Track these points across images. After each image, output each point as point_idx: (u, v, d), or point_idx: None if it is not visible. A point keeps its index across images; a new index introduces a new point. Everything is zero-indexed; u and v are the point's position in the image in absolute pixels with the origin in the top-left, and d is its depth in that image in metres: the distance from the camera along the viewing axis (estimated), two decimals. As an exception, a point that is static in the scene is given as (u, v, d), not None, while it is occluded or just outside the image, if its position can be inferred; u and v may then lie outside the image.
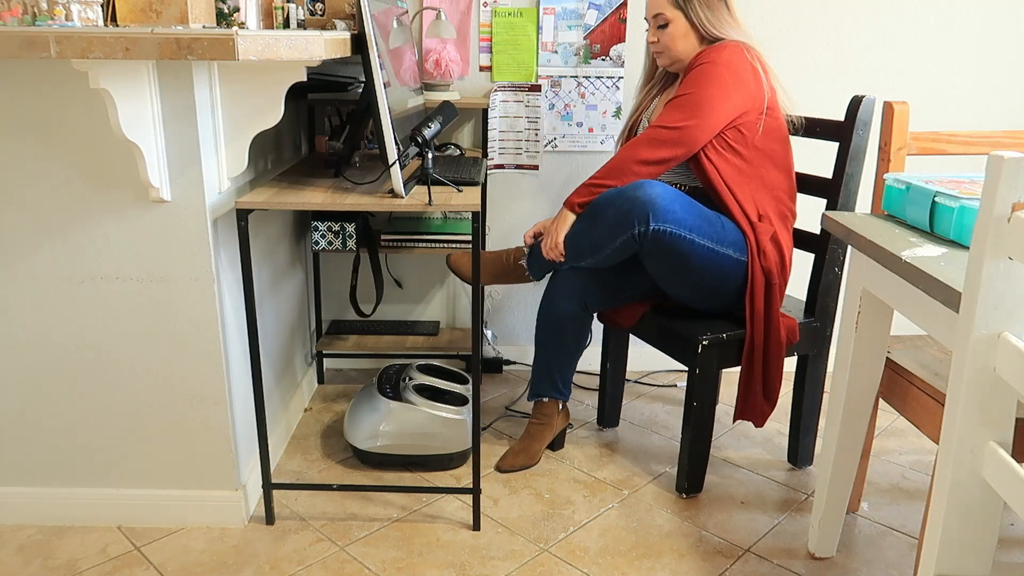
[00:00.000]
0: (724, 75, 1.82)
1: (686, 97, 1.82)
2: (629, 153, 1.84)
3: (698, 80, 1.83)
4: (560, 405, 2.15)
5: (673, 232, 1.80)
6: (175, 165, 1.59)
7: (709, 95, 1.81)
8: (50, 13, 1.53)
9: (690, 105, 1.81)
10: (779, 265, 1.89)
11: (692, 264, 1.84)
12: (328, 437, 2.27)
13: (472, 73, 2.53)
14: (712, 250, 1.84)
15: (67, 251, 1.64)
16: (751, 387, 1.93)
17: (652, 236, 1.80)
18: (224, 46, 1.27)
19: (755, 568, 1.73)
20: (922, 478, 2.11)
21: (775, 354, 1.90)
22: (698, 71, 1.84)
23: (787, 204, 1.95)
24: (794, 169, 1.97)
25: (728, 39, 1.89)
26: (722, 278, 1.87)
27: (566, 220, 1.91)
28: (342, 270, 2.68)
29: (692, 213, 1.83)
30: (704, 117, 1.81)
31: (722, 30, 1.89)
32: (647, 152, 1.82)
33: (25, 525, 1.81)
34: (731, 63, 1.83)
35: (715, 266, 1.85)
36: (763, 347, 1.89)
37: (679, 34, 1.91)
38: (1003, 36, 2.53)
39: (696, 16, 1.89)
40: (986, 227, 0.94)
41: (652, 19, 1.94)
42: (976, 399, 1.00)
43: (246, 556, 1.73)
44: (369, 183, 1.85)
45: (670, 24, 1.91)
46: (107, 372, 1.72)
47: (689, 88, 1.83)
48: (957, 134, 1.72)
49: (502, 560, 1.74)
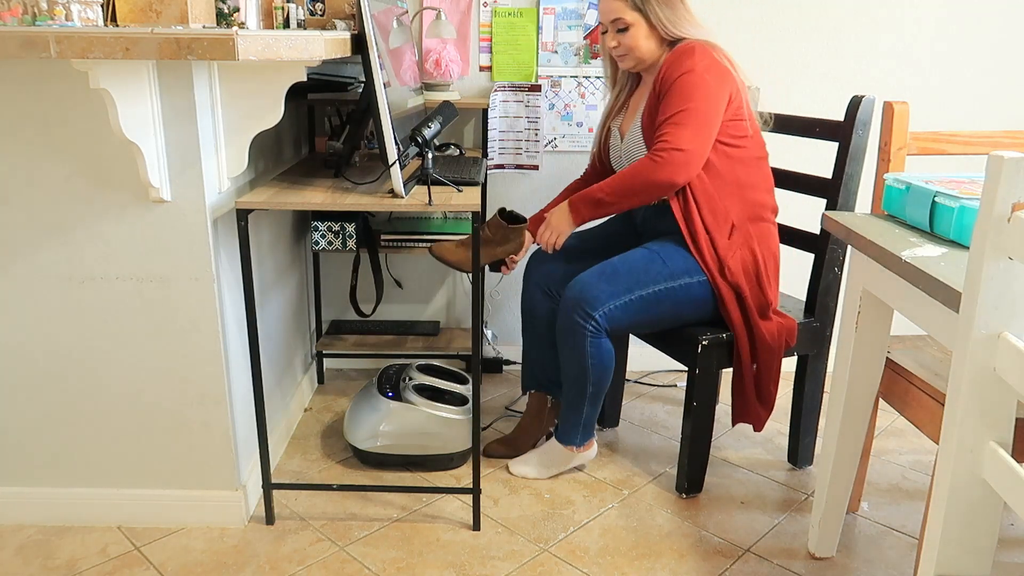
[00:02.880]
0: (710, 83, 1.80)
1: (684, 113, 1.79)
2: (641, 176, 1.80)
3: (688, 92, 1.79)
4: (549, 400, 2.14)
5: (616, 304, 1.84)
6: (175, 165, 1.59)
7: (705, 108, 1.79)
8: (50, 13, 1.53)
9: (692, 122, 1.78)
10: (753, 273, 1.87)
11: (656, 311, 1.87)
12: (328, 437, 2.27)
13: (472, 73, 2.53)
14: (665, 289, 1.86)
15: (67, 251, 1.64)
16: (743, 392, 1.93)
17: (603, 320, 1.85)
18: (224, 46, 1.27)
19: (755, 568, 1.73)
20: (922, 478, 2.11)
21: (765, 359, 1.90)
22: (683, 83, 1.80)
23: (763, 200, 1.92)
24: (769, 163, 1.96)
25: (690, 38, 1.87)
26: (691, 302, 1.88)
27: (567, 224, 1.91)
28: (342, 270, 2.68)
29: (623, 273, 1.86)
30: (709, 131, 1.81)
31: (683, 29, 1.87)
32: (661, 175, 1.79)
33: (25, 525, 1.81)
34: (711, 68, 1.81)
35: (678, 298, 1.87)
36: (750, 353, 1.89)
37: (641, 36, 1.88)
38: (1003, 36, 2.53)
39: (656, 17, 1.86)
40: (986, 227, 0.94)
41: (611, 24, 1.90)
42: (976, 399, 1.00)
43: (246, 556, 1.73)
44: (369, 183, 1.85)
45: (631, 27, 1.87)
46: (107, 372, 1.72)
47: (683, 103, 1.79)
48: (957, 134, 1.72)
49: (502, 560, 1.74)
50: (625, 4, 1.86)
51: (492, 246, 2.00)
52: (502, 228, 1.98)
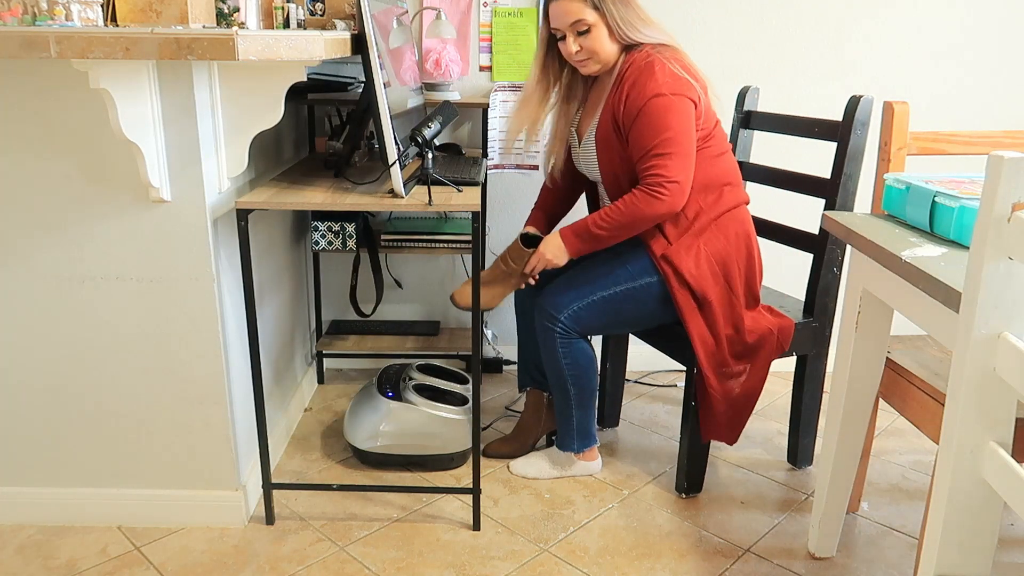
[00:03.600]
0: (679, 105, 1.75)
1: (666, 142, 1.75)
2: (640, 210, 1.77)
3: (663, 120, 1.75)
4: (546, 397, 2.14)
5: (580, 305, 1.87)
6: (175, 165, 1.59)
7: (683, 132, 1.76)
8: (50, 13, 1.53)
9: (676, 150, 1.75)
10: (721, 274, 1.85)
11: (622, 310, 1.88)
12: (328, 437, 2.27)
13: (472, 73, 2.53)
14: (627, 289, 1.86)
15: (67, 251, 1.64)
16: (706, 400, 1.90)
17: (569, 321, 1.87)
18: (224, 46, 1.27)
19: (755, 568, 1.73)
20: (922, 478, 2.11)
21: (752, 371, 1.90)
22: (655, 108, 1.75)
23: (727, 197, 1.88)
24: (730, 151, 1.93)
25: (646, 42, 1.82)
26: (655, 301, 1.87)
27: (562, 257, 1.88)
28: (342, 270, 2.68)
29: (587, 276, 1.88)
30: (691, 154, 1.78)
31: (639, 30, 1.82)
32: (660, 208, 1.76)
33: (25, 525, 1.81)
34: (676, 87, 1.76)
35: (640, 298, 1.87)
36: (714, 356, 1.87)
37: (603, 37, 1.81)
38: (1003, 36, 2.53)
39: (613, 18, 1.79)
40: (986, 227, 0.94)
41: (570, 27, 1.81)
42: (976, 399, 1.00)
43: (246, 556, 1.73)
44: (369, 183, 1.85)
45: (592, 29, 1.80)
46: (107, 372, 1.72)
47: (661, 132, 1.75)
48: (957, 134, 1.72)
49: (502, 560, 1.74)
50: (584, 4, 1.79)
51: (514, 275, 1.98)
52: (524, 253, 1.95)
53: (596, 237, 1.84)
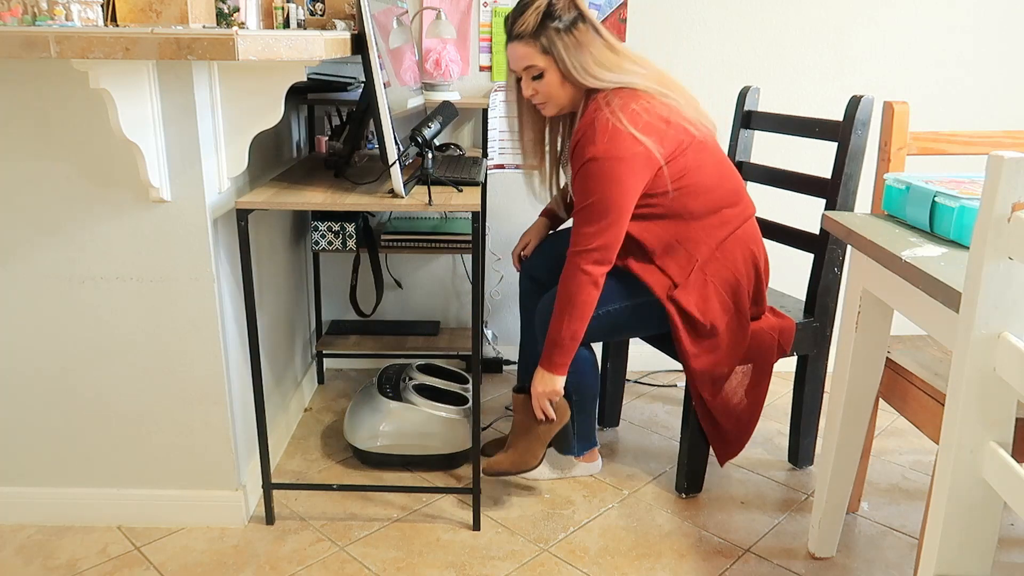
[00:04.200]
0: (612, 169, 1.67)
1: (589, 208, 1.69)
2: (567, 296, 1.73)
3: (591, 185, 1.68)
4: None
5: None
6: (175, 165, 1.59)
7: (609, 196, 1.68)
8: (50, 13, 1.53)
9: (596, 216, 1.69)
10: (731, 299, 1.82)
11: (622, 325, 1.85)
12: (328, 437, 2.27)
13: (472, 73, 2.53)
14: (628, 306, 1.83)
15: (67, 251, 1.64)
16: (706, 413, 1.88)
17: None
18: (224, 46, 1.27)
19: (755, 568, 1.73)
20: (922, 478, 2.11)
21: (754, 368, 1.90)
22: (586, 173, 1.68)
23: (725, 218, 1.82)
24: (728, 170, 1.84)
25: (608, 85, 1.71)
26: (655, 318, 1.84)
27: (553, 382, 1.81)
28: (342, 270, 2.68)
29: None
30: (616, 217, 1.70)
31: (597, 75, 1.71)
32: (581, 279, 1.71)
33: (25, 525, 1.81)
34: (613, 151, 1.66)
35: (641, 315, 1.84)
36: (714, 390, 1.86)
37: (556, 82, 1.74)
38: (1003, 36, 2.53)
39: (564, 63, 1.71)
40: (986, 227, 0.94)
41: (524, 71, 1.76)
42: (976, 399, 1.00)
43: (246, 556, 1.73)
44: (369, 183, 1.85)
45: (545, 73, 1.73)
46: (107, 372, 1.72)
47: (587, 196, 1.69)
48: (957, 134, 1.72)
49: (502, 560, 1.74)
50: (534, 49, 1.72)
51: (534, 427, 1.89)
52: (520, 399, 1.90)
53: (560, 344, 1.76)
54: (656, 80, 1.76)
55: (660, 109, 1.72)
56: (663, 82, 1.78)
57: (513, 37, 1.74)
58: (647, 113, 1.69)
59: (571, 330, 1.75)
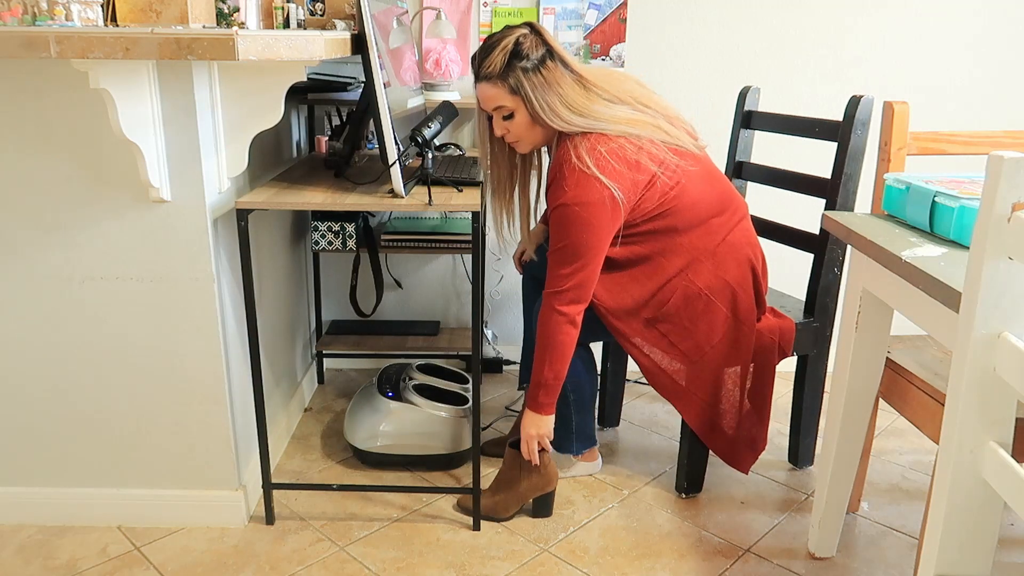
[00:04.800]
0: (580, 215, 1.67)
1: (561, 252, 1.70)
2: (545, 339, 1.74)
3: (562, 230, 1.69)
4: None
5: None
6: (175, 165, 1.59)
7: (580, 241, 1.68)
8: (50, 13, 1.53)
9: (569, 260, 1.70)
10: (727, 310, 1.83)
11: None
12: (328, 437, 2.27)
13: (472, 73, 2.53)
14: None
15: (67, 251, 1.64)
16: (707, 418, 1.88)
17: None
18: (224, 46, 1.27)
19: (755, 568, 1.73)
20: (922, 478, 2.11)
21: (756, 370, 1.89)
22: (557, 217, 1.69)
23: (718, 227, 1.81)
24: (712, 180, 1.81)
25: (576, 130, 1.68)
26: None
27: (542, 424, 1.81)
28: (342, 270, 2.68)
29: None
30: (589, 259, 1.70)
31: (567, 119, 1.68)
32: (557, 321, 1.72)
33: (25, 525, 1.81)
34: (581, 197, 1.66)
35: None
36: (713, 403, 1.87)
37: (525, 123, 1.72)
38: (1003, 36, 2.53)
39: (532, 104, 1.68)
40: (986, 227, 0.94)
41: (494, 111, 1.74)
42: (976, 399, 1.00)
43: (246, 556, 1.73)
44: (369, 183, 1.85)
45: (515, 113, 1.72)
46: (107, 372, 1.72)
47: (558, 240, 1.70)
48: (957, 134, 1.72)
49: (502, 560, 1.74)
50: (502, 89, 1.69)
51: (518, 484, 1.88)
52: (521, 459, 1.87)
53: (541, 384, 1.77)
54: (625, 114, 1.72)
55: (628, 152, 1.69)
56: (639, 105, 1.75)
57: (481, 78, 1.71)
58: (613, 156, 1.67)
59: (553, 371, 1.76)
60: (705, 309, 1.80)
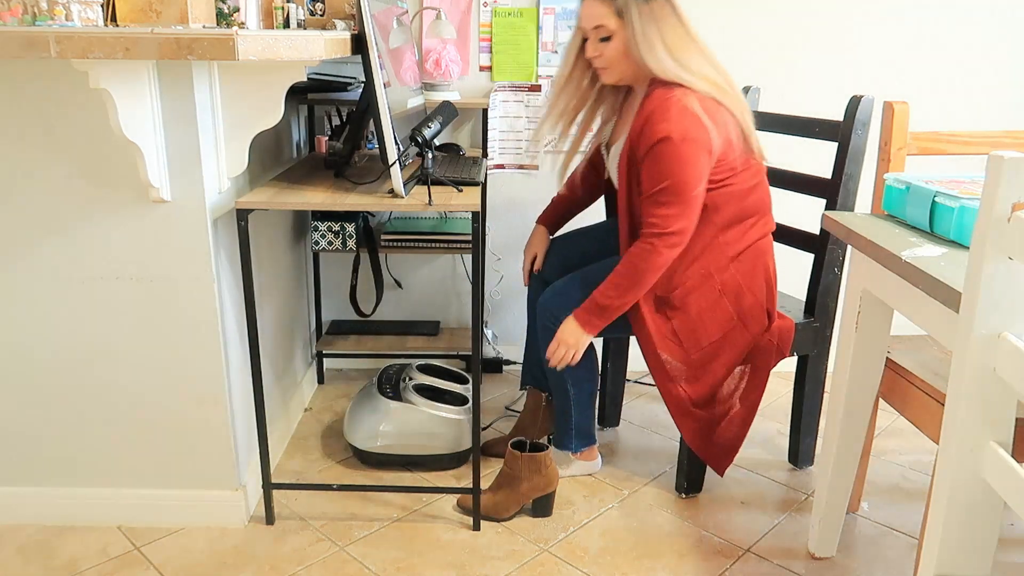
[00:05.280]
0: (686, 152, 1.66)
1: (667, 191, 1.69)
2: (640, 264, 1.73)
3: (667, 167, 1.67)
4: (544, 397, 2.11)
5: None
6: (175, 165, 1.59)
7: (686, 180, 1.68)
8: (50, 13, 1.53)
9: (676, 199, 1.69)
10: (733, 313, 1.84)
11: (621, 317, 1.83)
12: (328, 437, 2.27)
13: (472, 73, 2.53)
14: None
15: (67, 251, 1.64)
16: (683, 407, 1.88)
17: None
18: (224, 46, 1.27)
19: (755, 568, 1.73)
20: (922, 478, 2.11)
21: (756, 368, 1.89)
22: (660, 153, 1.67)
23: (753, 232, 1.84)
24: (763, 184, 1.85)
25: (666, 76, 1.69)
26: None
27: (582, 336, 1.81)
28: (342, 270, 2.68)
29: (590, 280, 1.84)
30: (694, 204, 1.71)
31: (661, 59, 1.68)
32: (660, 260, 1.72)
33: (25, 525, 1.81)
34: (687, 133, 1.66)
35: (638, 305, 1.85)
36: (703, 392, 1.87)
37: (621, 52, 1.71)
38: (1003, 36, 2.53)
39: (633, 33, 1.66)
40: (986, 227, 0.94)
41: (593, 31, 1.72)
42: (976, 399, 1.00)
43: (246, 556, 1.73)
44: (369, 183, 1.85)
45: (613, 37, 1.70)
46: (107, 372, 1.72)
47: (663, 179, 1.68)
48: (957, 134, 1.72)
49: (502, 560, 1.74)
50: (608, 9, 1.69)
51: (519, 484, 1.87)
52: (515, 454, 1.88)
53: (604, 308, 1.77)
54: (717, 79, 1.74)
55: (714, 114, 1.70)
56: (731, 83, 1.77)
57: None
58: (706, 110, 1.69)
59: (622, 301, 1.76)
60: (713, 305, 1.81)
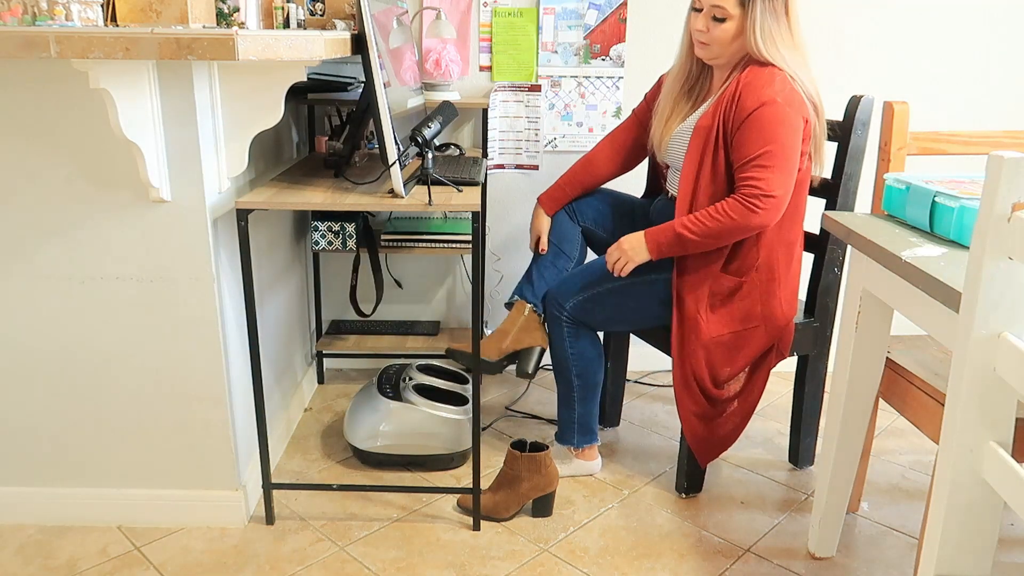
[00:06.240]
0: (791, 117, 1.70)
1: (770, 154, 1.69)
2: (734, 220, 1.72)
3: (772, 129, 1.69)
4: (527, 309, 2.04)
5: (586, 296, 1.90)
6: (175, 165, 1.59)
7: (789, 145, 1.70)
8: (50, 13, 1.53)
9: (778, 163, 1.69)
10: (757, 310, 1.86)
11: (624, 304, 1.89)
12: (328, 437, 2.27)
13: (472, 73, 2.53)
14: (631, 283, 1.88)
15: (67, 251, 1.64)
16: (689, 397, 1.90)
17: (574, 311, 1.91)
18: (224, 46, 1.27)
19: (755, 568, 1.73)
20: (922, 478, 2.11)
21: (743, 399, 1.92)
22: (764, 116, 1.69)
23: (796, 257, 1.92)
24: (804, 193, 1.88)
25: (775, 64, 1.73)
26: (657, 298, 1.89)
27: (642, 255, 1.81)
28: (342, 270, 2.67)
29: (597, 268, 1.89)
30: (793, 170, 1.73)
31: (781, 50, 1.73)
32: (755, 220, 1.72)
33: (25, 525, 1.81)
34: (792, 100, 1.70)
35: (642, 293, 1.89)
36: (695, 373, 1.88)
37: (731, 35, 1.74)
38: (1003, 36, 2.52)
39: (753, 24, 1.71)
40: (986, 227, 0.94)
41: (709, 7, 1.75)
42: (976, 399, 1.00)
43: (246, 556, 1.73)
44: (369, 183, 1.85)
45: (728, 21, 1.73)
46: (107, 372, 1.72)
47: (767, 142, 1.69)
48: (957, 134, 1.72)
49: (502, 560, 1.74)
50: None
51: (520, 483, 1.87)
52: (516, 455, 1.87)
53: (683, 240, 1.76)
54: (808, 77, 1.77)
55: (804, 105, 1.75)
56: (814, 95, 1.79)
57: None
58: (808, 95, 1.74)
59: (705, 244, 1.76)
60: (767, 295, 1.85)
